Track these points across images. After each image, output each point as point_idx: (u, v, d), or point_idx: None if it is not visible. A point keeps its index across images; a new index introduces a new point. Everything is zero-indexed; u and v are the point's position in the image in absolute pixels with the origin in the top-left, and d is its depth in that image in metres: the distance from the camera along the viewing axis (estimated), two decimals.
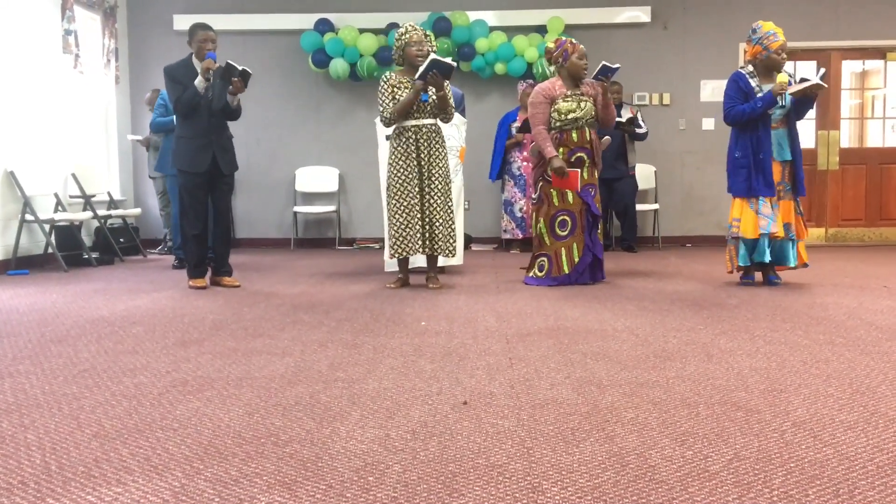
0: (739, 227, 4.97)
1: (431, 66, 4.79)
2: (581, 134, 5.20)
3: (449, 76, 4.90)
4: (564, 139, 5.20)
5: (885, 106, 8.95)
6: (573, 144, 5.20)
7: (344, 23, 8.52)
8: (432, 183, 5.03)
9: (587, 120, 5.20)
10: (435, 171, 5.03)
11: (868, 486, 1.74)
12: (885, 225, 8.79)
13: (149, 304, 4.64)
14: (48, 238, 6.79)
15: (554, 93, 5.21)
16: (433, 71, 4.79)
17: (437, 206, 5.04)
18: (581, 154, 5.20)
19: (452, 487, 1.76)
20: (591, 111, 5.21)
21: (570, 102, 5.17)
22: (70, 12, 7.36)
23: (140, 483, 1.80)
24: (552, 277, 5.22)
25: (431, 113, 5.03)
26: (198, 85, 5.13)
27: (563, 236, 5.20)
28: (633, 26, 8.68)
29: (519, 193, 7.88)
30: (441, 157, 5.06)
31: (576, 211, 5.18)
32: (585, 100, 5.20)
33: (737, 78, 5.01)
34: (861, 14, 8.56)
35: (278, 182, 8.93)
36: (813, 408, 2.34)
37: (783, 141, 4.98)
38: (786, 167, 5.01)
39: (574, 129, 5.19)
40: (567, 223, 5.20)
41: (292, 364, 3.00)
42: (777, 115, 4.94)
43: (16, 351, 3.31)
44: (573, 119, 5.16)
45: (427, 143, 5.02)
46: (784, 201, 4.98)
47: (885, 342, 3.32)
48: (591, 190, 5.23)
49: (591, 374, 2.77)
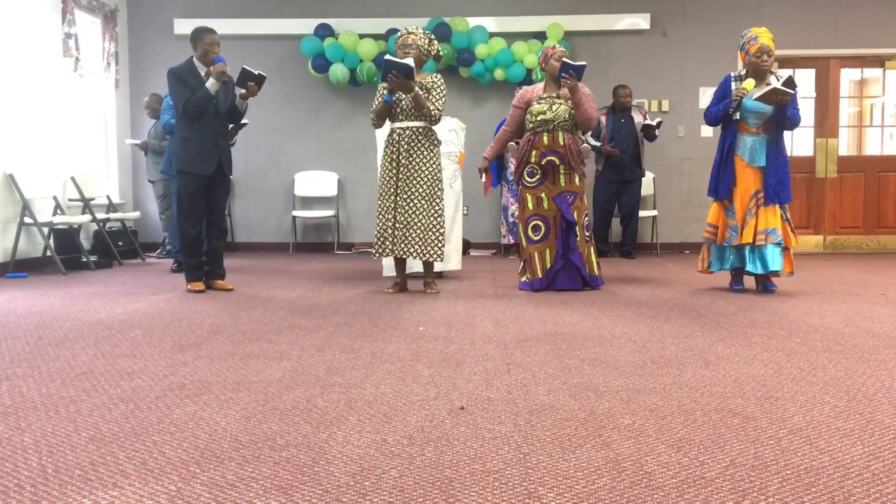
0: (715, 234, 5.15)
1: (388, 67, 4.77)
2: (552, 137, 5.18)
3: (410, 76, 4.81)
4: (536, 142, 5.21)
5: (884, 114, 8.98)
6: (543, 147, 5.19)
7: (344, 28, 8.55)
8: (413, 185, 4.99)
9: (559, 123, 5.17)
10: (416, 174, 4.99)
11: (863, 493, 1.74)
12: (882, 233, 8.80)
13: (147, 307, 4.64)
14: (47, 241, 6.79)
15: (531, 96, 5.27)
16: (392, 72, 4.78)
17: (418, 209, 4.98)
18: (552, 157, 5.17)
19: (449, 493, 1.76)
20: (565, 114, 5.17)
21: (542, 105, 5.19)
22: (70, 16, 7.37)
23: (136, 487, 1.80)
24: (528, 281, 5.25)
25: (415, 115, 5.02)
26: (210, 88, 5.14)
27: (536, 241, 5.22)
28: (633, 33, 8.70)
29: (512, 198, 7.90)
30: (423, 159, 5.00)
31: (550, 217, 5.19)
32: (559, 102, 5.18)
33: (723, 81, 5.12)
34: (859, 22, 8.59)
35: (277, 186, 8.94)
36: (809, 415, 2.34)
37: (760, 147, 4.96)
38: (761, 173, 4.98)
39: (545, 131, 5.18)
40: (540, 228, 5.21)
41: (289, 368, 3.00)
42: (752, 120, 4.95)
43: (13, 354, 3.31)
44: (542, 121, 5.17)
45: (407, 145, 4.99)
46: (767, 208, 4.96)
47: (882, 350, 3.32)
48: (569, 196, 5.19)
49: (588, 380, 2.78)
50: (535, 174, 5.22)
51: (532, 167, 5.22)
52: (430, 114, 4.98)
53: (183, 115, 5.21)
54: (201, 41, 5.21)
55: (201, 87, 5.16)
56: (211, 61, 5.19)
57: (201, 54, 5.22)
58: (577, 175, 5.23)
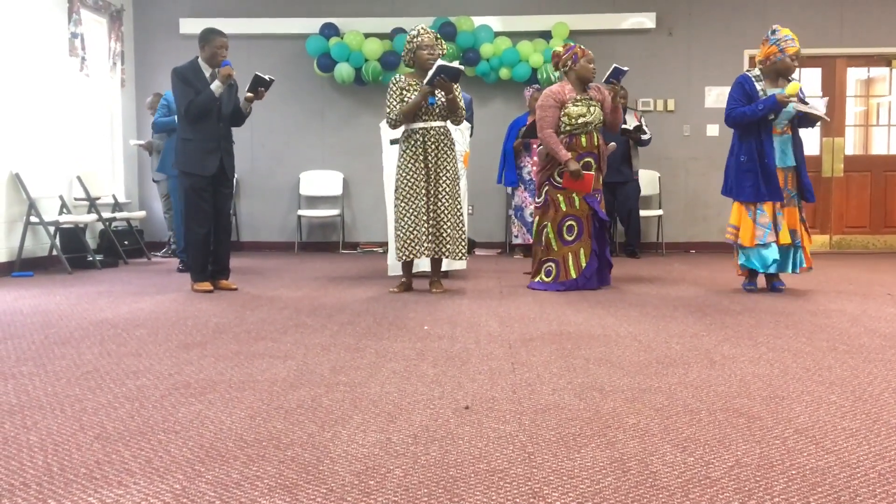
0: (738, 235, 5.01)
1: (439, 71, 4.80)
2: (590, 139, 5.20)
3: (457, 80, 4.91)
4: (574, 143, 5.19)
5: (890, 113, 8.94)
6: (582, 149, 5.19)
7: (349, 27, 8.55)
8: (440, 185, 5.03)
9: (596, 125, 5.22)
10: (443, 174, 5.03)
11: (870, 493, 1.74)
12: (889, 232, 8.77)
13: (152, 306, 4.64)
14: (53, 240, 6.81)
15: (564, 97, 5.20)
16: (441, 76, 4.81)
17: (446, 208, 5.03)
18: (589, 159, 5.21)
19: (453, 492, 1.76)
20: (601, 116, 5.22)
21: (581, 107, 5.16)
22: (76, 15, 7.39)
23: (141, 485, 1.80)
24: (560, 282, 5.22)
25: (440, 115, 5.04)
26: (215, 90, 5.14)
27: (571, 241, 5.21)
28: (638, 32, 8.68)
29: (529, 198, 7.89)
30: (450, 159, 5.06)
31: (583, 216, 5.19)
32: (595, 104, 5.21)
33: (742, 81, 4.99)
34: (866, 21, 8.56)
35: (283, 186, 8.95)
36: (815, 415, 2.33)
37: (786, 147, 4.95)
38: (788, 174, 4.99)
39: (583, 133, 5.19)
40: (574, 228, 5.21)
41: (294, 367, 3.00)
42: (782, 121, 4.92)
43: (19, 352, 3.31)
44: (583, 123, 5.16)
45: (435, 145, 5.02)
46: (789, 208, 4.98)
47: (889, 350, 3.31)
48: (597, 195, 5.25)
49: (593, 380, 2.77)
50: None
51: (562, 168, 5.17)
52: (462, 116, 5.09)
53: (185, 116, 5.21)
54: (210, 43, 5.20)
55: (206, 88, 5.16)
56: (218, 64, 5.19)
57: (209, 56, 5.22)
58: (601, 175, 5.31)
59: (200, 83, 5.18)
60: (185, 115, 5.20)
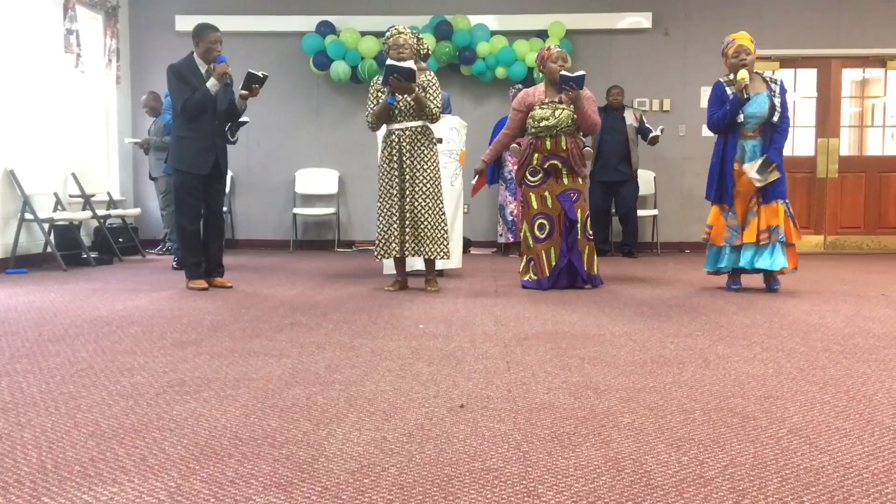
0: (710, 234, 5.18)
1: (390, 71, 4.79)
2: (555, 142, 5.21)
3: (412, 79, 4.84)
4: (538, 146, 5.23)
5: (885, 114, 8.97)
6: (546, 152, 5.22)
7: (345, 25, 8.54)
8: (416, 185, 5.01)
9: (562, 128, 5.19)
10: (419, 174, 5.01)
11: (863, 493, 1.74)
12: (883, 233, 8.80)
13: (147, 304, 4.64)
14: (47, 237, 6.79)
15: (532, 99, 5.28)
16: (394, 75, 4.79)
17: (423, 207, 5.01)
18: (555, 161, 5.21)
19: (448, 491, 1.76)
20: (568, 119, 5.19)
21: (545, 110, 5.20)
22: (72, 12, 7.37)
23: (136, 483, 1.80)
24: (539, 280, 5.25)
25: (414, 115, 5.02)
26: (211, 88, 5.13)
27: (542, 239, 5.24)
28: (635, 32, 8.69)
29: (510, 197, 7.91)
30: (426, 159, 5.03)
31: (554, 215, 5.22)
32: (561, 108, 5.20)
33: (715, 87, 5.10)
34: (861, 22, 8.58)
35: (278, 184, 8.94)
36: (809, 415, 2.34)
37: (757, 150, 5.01)
38: None
39: (548, 136, 5.21)
40: (545, 226, 5.23)
41: (289, 366, 3.00)
42: (750, 123, 4.96)
43: (13, 349, 3.31)
44: (545, 127, 5.18)
45: (410, 145, 5.01)
46: (769, 205, 4.99)
47: (882, 350, 3.32)
48: (573, 195, 5.23)
49: (588, 379, 2.78)
50: (538, 173, 5.25)
51: (534, 168, 5.24)
52: (432, 113, 5.01)
53: (181, 114, 5.20)
54: (204, 38, 5.19)
55: (201, 85, 5.15)
56: (213, 59, 5.18)
57: (203, 52, 5.21)
58: (580, 176, 5.29)
59: (196, 79, 5.17)
60: (181, 112, 5.19)
